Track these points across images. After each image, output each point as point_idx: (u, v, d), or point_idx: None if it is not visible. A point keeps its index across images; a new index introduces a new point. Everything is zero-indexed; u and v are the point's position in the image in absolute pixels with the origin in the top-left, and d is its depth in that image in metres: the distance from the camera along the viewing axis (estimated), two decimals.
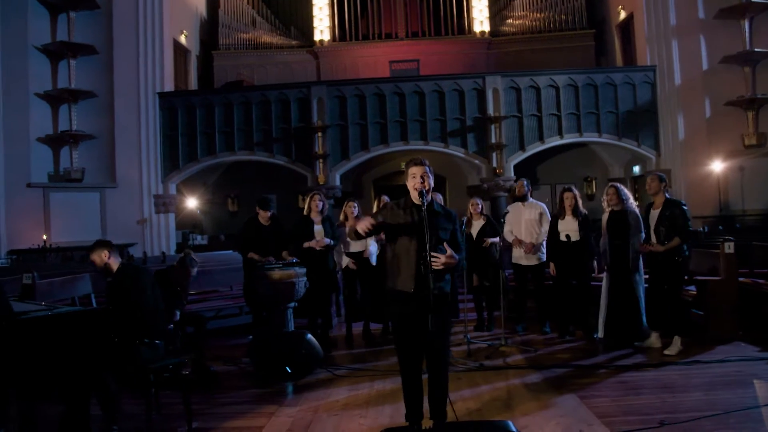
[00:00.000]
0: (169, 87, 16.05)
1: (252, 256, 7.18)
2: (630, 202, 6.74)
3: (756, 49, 14.15)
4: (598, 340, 6.92)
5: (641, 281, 6.70)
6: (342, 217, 7.94)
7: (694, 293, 7.02)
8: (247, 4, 19.30)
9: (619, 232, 6.69)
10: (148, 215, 15.36)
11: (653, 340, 6.56)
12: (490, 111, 15.30)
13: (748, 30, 14.35)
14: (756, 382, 5.23)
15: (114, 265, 4.78)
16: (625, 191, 6.78)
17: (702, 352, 6.27)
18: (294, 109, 15.60)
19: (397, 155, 17.56)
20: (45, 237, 13.95)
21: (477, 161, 15.61)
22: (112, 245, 4.89)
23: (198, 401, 5.23)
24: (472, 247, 7.82)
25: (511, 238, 7.71)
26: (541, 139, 15.45)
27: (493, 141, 15.27)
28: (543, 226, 7.67)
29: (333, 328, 8.35)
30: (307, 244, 7.32)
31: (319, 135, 15.36)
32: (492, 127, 15.28)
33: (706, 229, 11.98)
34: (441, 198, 8.19)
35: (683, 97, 14.83)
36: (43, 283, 7.25)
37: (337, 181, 15.69)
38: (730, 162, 14.10)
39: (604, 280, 6.92)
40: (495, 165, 15.35)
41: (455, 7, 19.04)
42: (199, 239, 17.28)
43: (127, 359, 4.26)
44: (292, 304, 6.57)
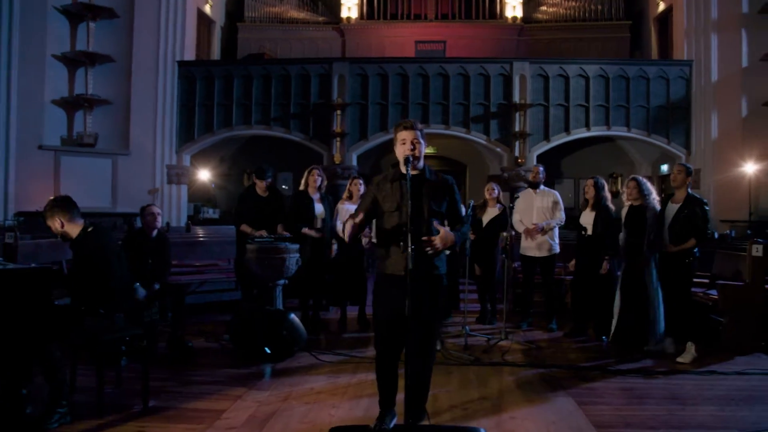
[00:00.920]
0: (189, 56, 15.72)
1: (245, 228, 6.78)
2: (652, 197, 6.22)
3: None
4: (606, 344, 6.44)
5: (656, 282, 6.20)
6: (346, 195, 7.52)
7: (715, 297, 6.48)
8: None
9: (636, 228, 6.19)
10: (159, 185, 15.07)
11: (667, 345, 6.07)
12: (516, 98, 14.73)
13: None
14: None
15: (74, 230, 4.24)
16: (647, 185, 6.26)
17: (718, 361, 5.78)
18: (314, 85, 15.17)
19: None
20: None
21: (499, 149, 15.07)
22: (70, 206, 4.27)
23: (166, 377, 4.93)
24: (479, 236, 7.39)
25: (521, 228, 7.22)
26: (567, 130, 14.86)
27: (516, 129, 14.72)
28: (555, 215, 7.20)
29: (329, 310, 7.98)
30: (306, 231, 6.94)
31: (338, 113, 14.94)
32: (516, 114, 14.72)
33: (733, 233, 11.34)
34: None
35: (719, 95, 14.10)
36: (28, 244, 6.97)
37: (354, 161, 15.25)
38: (764, 165, 13.38)
39: (620, 280, 6.43)
40: (517, 154, 14.81)
41: None
42: (211, 213, 17.03)
43: (74, 330, 3.90)
44: (281, 282, 6.20)
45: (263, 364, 5.44)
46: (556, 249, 7.23)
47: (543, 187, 7.35)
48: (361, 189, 7.40)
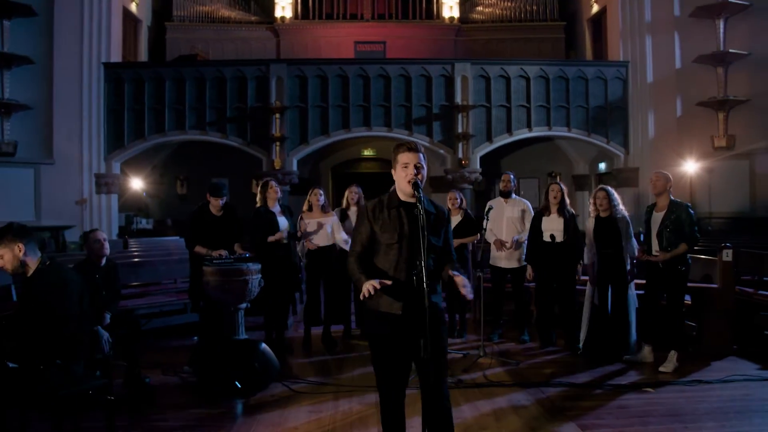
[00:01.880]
0: (116, 58, 14.83)
1: (199, 250, 6.25)
2: (620, 208, 6.14)
3: (730, 50, 13.83)
4: (580, 353, 6.33)
5: (632, 292, 6.14)
6: (306, 207, 7.12)
7: (689, 303, 6.47)
8: None
9: (610, 240, 6.10)
10: (88, 195, 14.15)
11: (646, 354, 6.00)
12: (458, 99, 14.62)
13: (722, 30, 14.01)
14: None
15: (31, 264, 3.69)
16: (615, 196, 6.19)
17: (698, 369, 5.77)
18: (251, 88, 14.59)
19: (358, 141, 16.85)
20: None
21: (442, 151, 14.92)
22: (29, 234, 3.74)
23: (128, 425, 4.41)
24: None
25: (492, 239, 7.02)
26: (509, 131, 14.86)
27: (459, 131, 14.61)
28: (525, 225, 7.02)
29: (289, 328, 7.57)
30: (272, 238, 6.51)
31: (277, 117, 14.42)
32: (459, 116, 14.61)
33: None
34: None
35: (655, 95, 14.44)
36: None
37: (294, 167, 14.77)
38: (699, 163, 13.77)
39: (588, 291, 6.34)
40: (461, 156, 14.70)
41: None
42: (144, 223, 16.20)
43: (31, 386, 3.38)
44: (243, 305, 5.75)
45: (234, 400, 5.00)
46: (525, 261, 7.06)
47: (514, 195, 7.16)
48: (320, 200, 7.03)
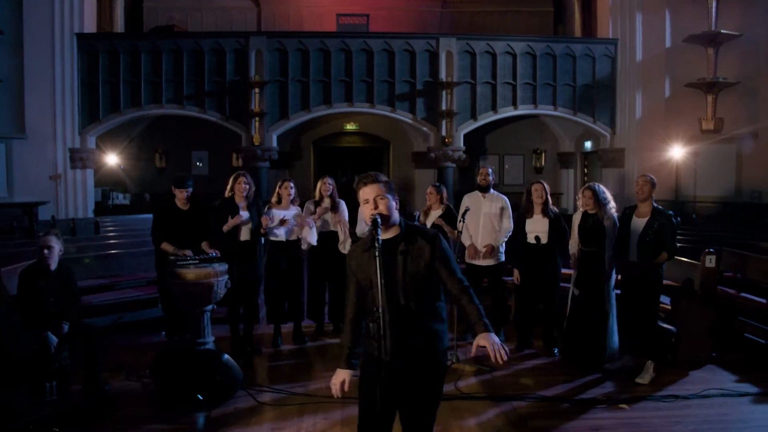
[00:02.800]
0: (90, 28, 14.28)
1: (165, 247, 6.03)
2: (609, 206, 5.92)
3: (722, 31, 13.49)
4: (558, 358, 6.18)
5: (612, 295, 5.95)
6: (275, 199, 6.85)
7: (668, 307, 6.32)
8: None
9: (593, 238, 5.89)
10: (62, 171, 13.76)
11: (626, 362, 5.85)
12: (443, 76, 14.26)
13: (714, 9, 13.60)
14: None
15: None
16: (604, 194, 5.94)
17: (674, 380, 5.61)
18: (230, 61, 14.13)
19: (340, 116, 16.48)
20: None
21: (425, 128, 14.62)
22: None
23: None
24: None
25: (467, 241, 6.77)
26: (494, 108, 14.55)
27: (443, 108, 14.28)
28: (503, 222, 6.78)
29: (260, 322, 7.35)
30: (226, 226, 6.23)
31: (256, 91, 14.00)
32: (443, 92, 14.27)
33: None
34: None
35: (644, 74, 14.13)
36: None
37: (274, 142, 14.41)
38: (686, 146, 13.55)
39: (571, 290, 6.15)
40: (444, 134, 14.40)
41: None
42: (121, 198, 15.88)
43: None
44: (209, 307, 5.53)
45: (194, 414, 4.81)
46: (503, 257, 6.86)
47: (492, 191, 6.89)
48: (291, 192, 6.79)
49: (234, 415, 4.82)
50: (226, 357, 5.14)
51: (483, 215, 6.77)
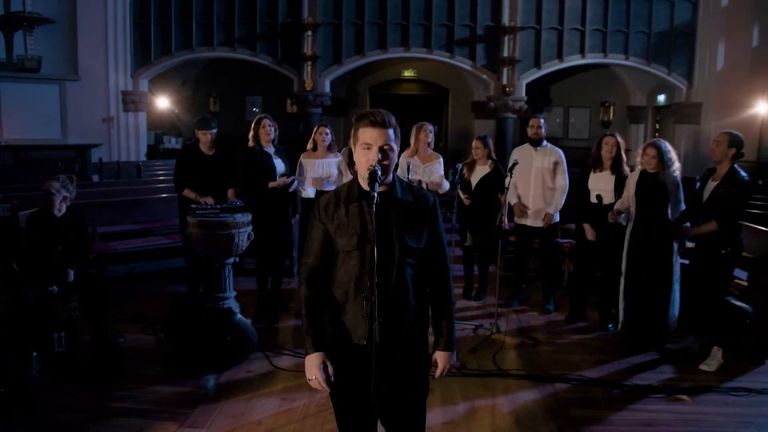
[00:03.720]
0: None
1: (187, 194, 5.67)
2: (673, 168, 5.15)
3: None
4: (611, 334, 5.58)
5: (677, 265, 5.25)
6: (310, 146, 6.39)
7: (745, 283, 5.57)
8: None
9: (652, 201, 5.15)
10: (114, 113, 13.70)
11: (690, 343, 5.18)
12: (505, 20, 13.38)
13: None
14: None
15: None
16: (669, 153, 5.15)
17: (746, 370, 4.84)
18: (282, 3, 13.60)
19: (397, 62, 15.82)
20: None
21: (485, 76, 13.85)
22: None
23: (80, 403, 3.96)
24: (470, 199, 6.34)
25: (514, 200, 6.17)
26: (560, 56, 13.64)
27: (505, 55, 13.45)
28: (557, 179, 6.11)
29: (293, 276, 6.99)
30: (273, 184, 5.81)
31: (309, 34, 13.47)
32: (506, 38, 13.42)
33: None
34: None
35: (728, 22, 12.88)
36: None
37: (327, 88, 13.93)
38: None
39: (624, 260, 5.43)
40: (505, 82, 13.61)
41: None
42: (174, 142, 15.75)
43: None
44: (231, 260, 5.18)
45: (204, 376, 4.48)
46: (557, 218, 6.22)
47: (546, 143, 6.22)
48: (326, 140, 6.31)
49: (244, 381, 4.45)
50: (239, 317, 4.77)
51: (534, 170, 6.12)
